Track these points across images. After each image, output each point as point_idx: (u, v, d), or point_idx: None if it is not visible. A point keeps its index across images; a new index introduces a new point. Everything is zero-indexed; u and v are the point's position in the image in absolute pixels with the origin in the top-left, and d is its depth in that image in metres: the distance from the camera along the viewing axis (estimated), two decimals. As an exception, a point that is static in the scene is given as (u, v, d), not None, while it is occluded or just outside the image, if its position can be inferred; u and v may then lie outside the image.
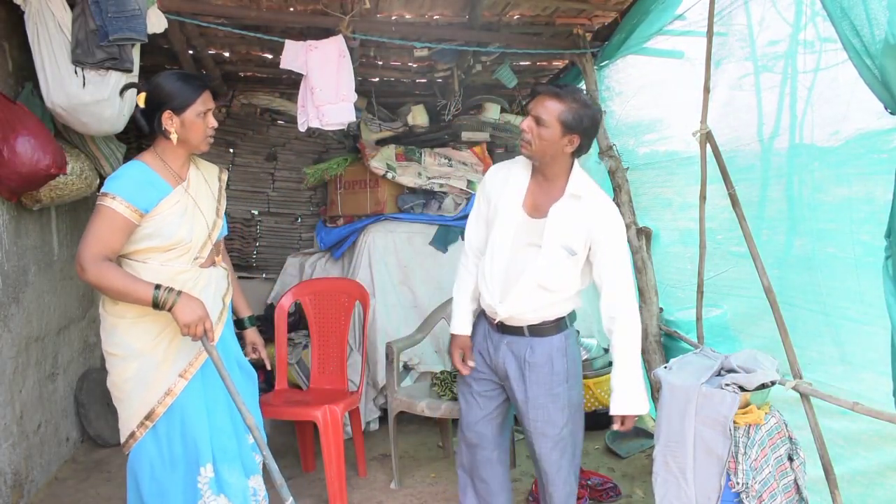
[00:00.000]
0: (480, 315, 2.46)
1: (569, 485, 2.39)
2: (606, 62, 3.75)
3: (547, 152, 2.20)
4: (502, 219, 2.28)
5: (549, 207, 2.24)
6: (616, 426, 2.28)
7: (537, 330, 2.30)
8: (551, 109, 2.15)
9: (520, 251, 2.26)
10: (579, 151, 2.25)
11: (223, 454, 2.24)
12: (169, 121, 2.16)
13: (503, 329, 2.34)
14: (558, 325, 2.33)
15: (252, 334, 2.65)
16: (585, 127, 2.17)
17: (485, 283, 2.32)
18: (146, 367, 2.16)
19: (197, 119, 2.17)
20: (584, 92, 2.24)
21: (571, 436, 2.36)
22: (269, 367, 2.63)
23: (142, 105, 2.19)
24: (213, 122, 2.23)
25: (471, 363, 2.42)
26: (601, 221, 2.22)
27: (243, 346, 2.59)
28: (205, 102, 2.18)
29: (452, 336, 2.47)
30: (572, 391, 2.34)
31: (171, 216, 2.16)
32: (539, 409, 2.30)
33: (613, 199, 3.68)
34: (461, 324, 2.45)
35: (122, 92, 2.69)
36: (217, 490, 2.22)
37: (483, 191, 2.41)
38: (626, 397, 2.24)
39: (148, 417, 2.17)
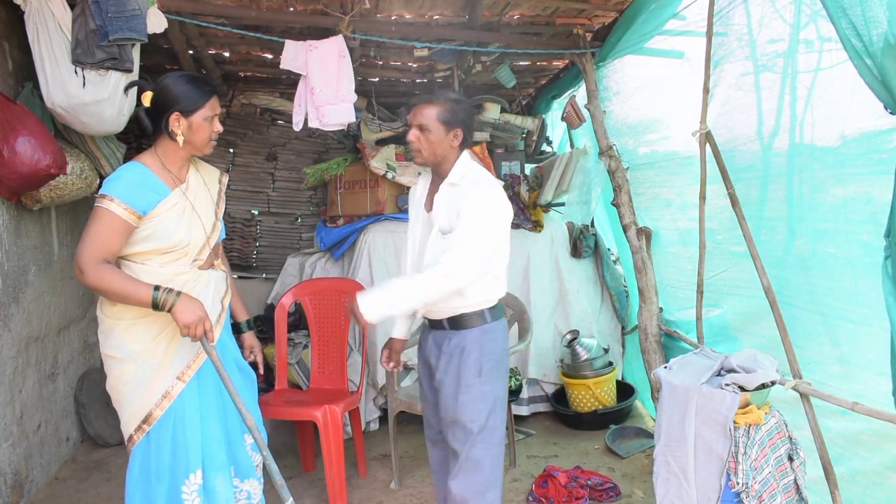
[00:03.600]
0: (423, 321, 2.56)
1: (473, 485, 2.31)
2: (606, 62, 3.75)
3: (438, 153, 2.35)
4: (412, 222, 2.50)
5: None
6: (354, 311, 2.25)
7: (456, 322, 2.36)
8: (429, 114, 2.31)
9: (422, 245, 2.42)
10: (468, 144, 2.41)
11: (211, 462, 2.22)
12: (176, 122, 2.16)
13: (431, 325, 2.47)
14: (481, 318, 2.36)
15: (250, 338, 2.65)
16: (463, 118, 2.34)
17: None
18: (144, 370, 2.15)
19: (204, 123, 2.19)
20: (455, 91, 2.38)
21: (487, 432, 2.33)
22: (261, 371, 2.61)
23: (147, 104, 2.19)
24: (219, 128, 2.25)
25: (392, 364, 2.64)
26: (466, 200, 2.26)
27: (241, 349, 2.59)
28: (212, 107, 2.20)
29: (389, 339, 2.66)
30: (485, 386, 2.33)
31: (169, 219, 2.16)
32: (450, 398, 2.35)
33: (613, 200, 3.69)
34: (397, 328, 2.63)
35: (126, 89, 2.69)
36: (205, 499, 2.20)
37: (410, 207, 2.57)
38: (368, 297, 2.22)
39: (145, 421, 2.15)
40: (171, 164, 2.22)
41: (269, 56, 4.18)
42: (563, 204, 4.43)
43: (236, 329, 2.64)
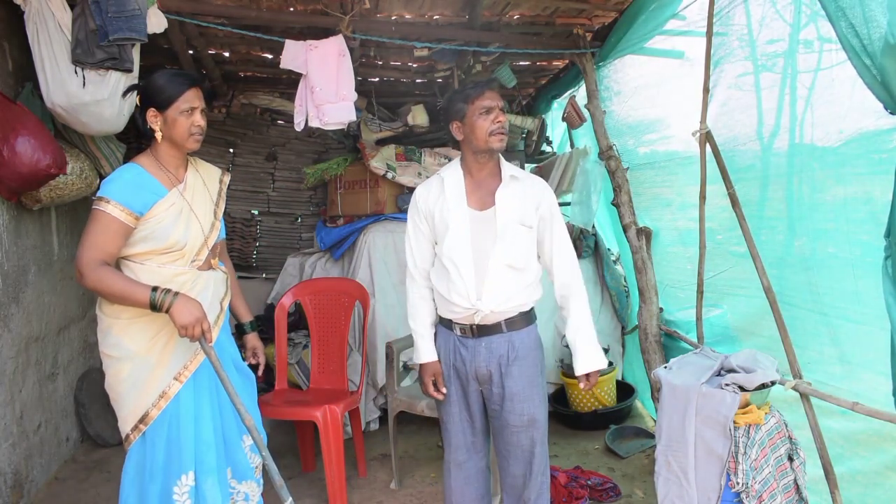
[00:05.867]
0: (443, 332, 2.45)
1: (546, 478, 2.43)
2: (606, 62, 3.75)
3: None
4: (455, 223, 2.32)
5: (492, 196, 2.34)
6: (583, 385, 2.37)
7: (513, 324, 2.34)
8: (500, 100, 2.33)
9: (479, 245, 2.32)
10: None
11: (202, 465, 2.22)
12: (154, 118, 2.16)
13: (479, 332, 2.35)
14: (529, 318, 2.40)
15: (253, 339, 2.65)
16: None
17: (454, 289, 2.32)
18: (141, 369, 2.15)
19: (180, 117, 2.15)
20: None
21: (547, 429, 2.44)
22: (260, 374, 2.58)
23: (138, 104, 2.21)
24: (199, 121, 2.19)
25: (443, 389, 2.41)
26: (545, 198, 2.37)
27: (243, 351, 2.58)
28: (189, 100, 2.16)
29: (423, 365, 2.44)
30: (545, 383, 2.43)
31: (166, 219, 2.16)
32: (526, 401, 2.34)
33: (613, 200, 3.69)
34: (428, 351, 2.43)
35: (125, 93, 2.71)
36: (195, 500, 2.20)
37: (418, 212, 2.44)
38: (590, 355, 2.35)
39: (142, 420, 2.15)
40: (167, 164, 2.22)
41: (269, 56, 4.19)
42: (564, 204, 4.43)
43: (239, 330, 2.63)
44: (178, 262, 2.20)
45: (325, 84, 3.42)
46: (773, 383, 2.22)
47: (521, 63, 4.43)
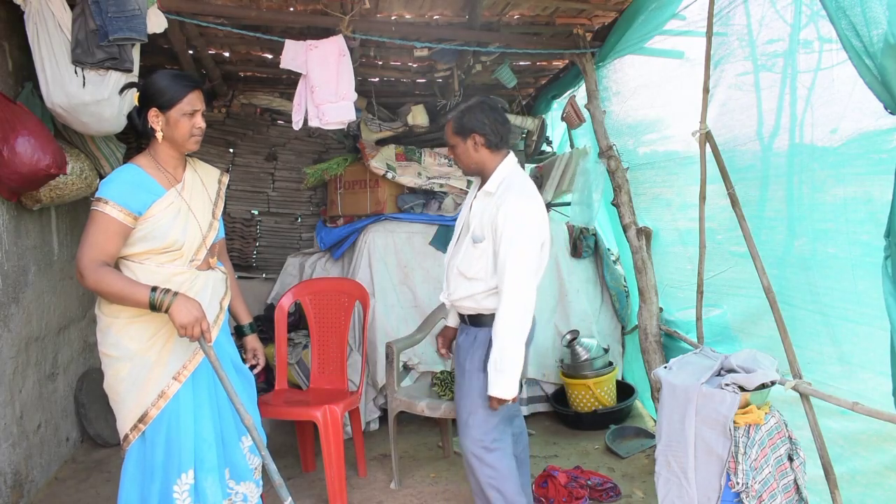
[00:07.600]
0: None
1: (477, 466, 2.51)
2: (606, 62, 3.75)
3: (471, 163, 2.52)
4: (460, 218, 2.63)
5: None
6: (492, 404, 2.42)
7: (475, 320, 2.54)
8: (448, 133, 2.54)
9: (458, 244, 2.58)
10: (495, 144, 2.48)
11: (202, 464, 2.23)
12: (155, 118, 2.17)
13: (460, 317, 2.66)
14: (488, 320, 2.47)
15: (252, 341, 2.66)
16: (473, 123, 2.45)
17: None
18: (140, 368, 2.16)
19: (182, 118, 2.17)
20: (485, 98, 2.56)
21: (480, 426, 2.48)
22: (257, 371, 2.62)
23: (136, 103, 2.21)
24: (201, 124, 2.22)
25: (443, 350, 2.81)
26: (502, 214, 2.37)
27: (243, 353, 2.59)
28: (192, 102, 2.18)
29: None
30: (485, 383, 2.45)
31: (165, 218, 2.16)
32: (458, 388, 2.57)
33: (613, 200, 3.69)
34: (451, 318, 2.81)
35: (121, 91, 2.71)
36: (195, 499, 2.21)
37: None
38: (493, 382, 2.37)
39: (141, 420, 2.16)
40: (166, 164, 2.23)
41: (269, 56, 4.18)
42: (565, 204, 4.43)
43: (239, 332, 2.64)
44: (176, 262, 2.20)
45: (324, 84, 3.42)
46: (773, 383, 2.23)
47: (521, 63, 4.42)
